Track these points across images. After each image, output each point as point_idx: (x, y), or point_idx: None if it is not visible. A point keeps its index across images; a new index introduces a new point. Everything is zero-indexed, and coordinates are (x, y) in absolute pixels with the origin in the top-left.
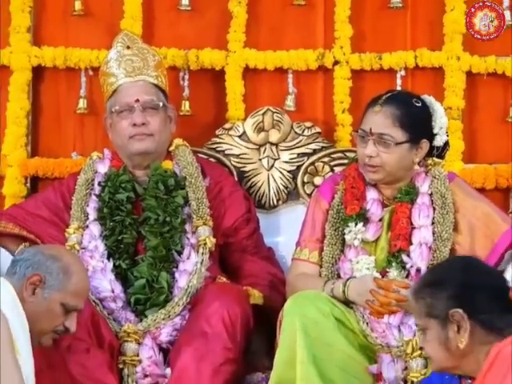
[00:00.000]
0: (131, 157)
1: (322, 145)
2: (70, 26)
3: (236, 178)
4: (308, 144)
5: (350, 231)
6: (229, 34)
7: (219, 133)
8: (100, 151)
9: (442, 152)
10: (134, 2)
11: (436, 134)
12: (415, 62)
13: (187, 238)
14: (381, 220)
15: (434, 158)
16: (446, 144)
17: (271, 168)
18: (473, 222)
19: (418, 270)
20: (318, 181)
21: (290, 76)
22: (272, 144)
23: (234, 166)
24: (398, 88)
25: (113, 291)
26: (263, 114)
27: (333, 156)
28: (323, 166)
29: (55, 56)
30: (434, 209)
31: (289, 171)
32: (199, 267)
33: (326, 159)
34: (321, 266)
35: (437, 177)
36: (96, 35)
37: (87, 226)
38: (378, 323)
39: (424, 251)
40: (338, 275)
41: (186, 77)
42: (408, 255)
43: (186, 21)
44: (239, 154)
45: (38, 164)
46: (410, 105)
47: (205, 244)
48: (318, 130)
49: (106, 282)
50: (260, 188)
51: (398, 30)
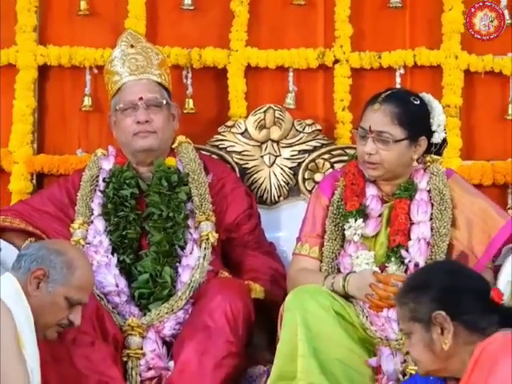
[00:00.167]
0: (135, 154)
1: (322, 142)
2: (75, 26)
3: (238, 175)
4: (309, 141)
5: (349, 227)
6: (231, 33)
7: (221, 130)
8: (104, 148)
9: (440, 149)
10: (138, 1)
11: (434, 132)
12: (414, 61)
13: (190, 233)
14: (380, 216)
15: (432, 155)
16: (444, 141)
17: (272, 165)
18: (470, 218)
19: (417, 265)
20: (318, 177)
21: (291, 74)
22: (273, 141)
23: (236, 163)
24: (397, 86)
25: (117, 286)
26: (265, 112)
27: (333, 153)
28: (323, 163)
29: (60, 55)
30: (432, 205)
31: (290, 168)
32: (202, 262)
33: (327, 156)
34: (321, 261)
35: (435, 173)
36: (101, 34)
37: (92, 222)
38: (378, 317)
39: (422, 246)
40: (338, 270)
41: (189, 75)
42: (407, 250)
43: (189, 20)
44: (241, 151)
45: (43, 161)
46: (408, 103)
47: (207, 239)
48: (318, 127)
49: (110, 277)
50: (261, 184)
51: (397, 30)
